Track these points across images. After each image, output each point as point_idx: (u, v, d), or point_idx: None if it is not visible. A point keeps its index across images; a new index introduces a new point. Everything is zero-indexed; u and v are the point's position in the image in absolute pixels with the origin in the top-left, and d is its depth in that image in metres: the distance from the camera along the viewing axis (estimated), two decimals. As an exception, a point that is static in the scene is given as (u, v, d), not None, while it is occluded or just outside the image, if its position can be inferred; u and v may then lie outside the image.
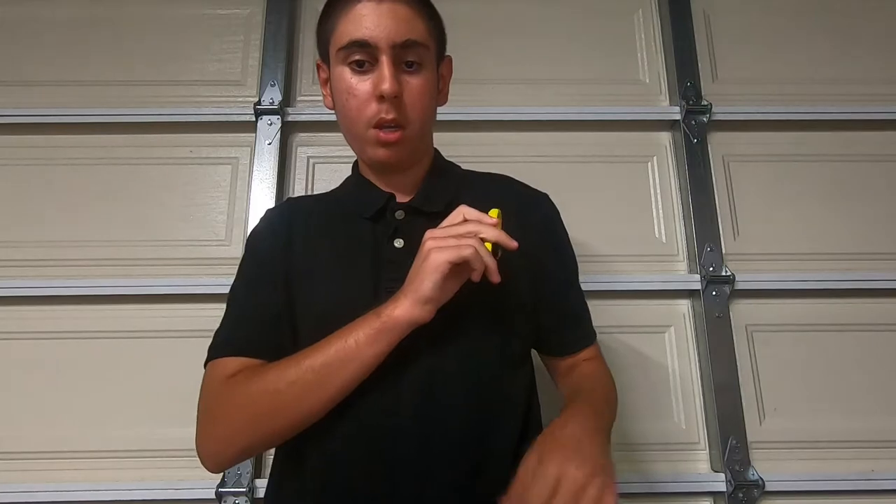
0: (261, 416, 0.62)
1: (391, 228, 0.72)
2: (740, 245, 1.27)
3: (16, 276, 1.22)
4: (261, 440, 0.64)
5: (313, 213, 0.78)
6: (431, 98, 0.73)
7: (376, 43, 0.66)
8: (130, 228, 1.26)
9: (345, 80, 0.69)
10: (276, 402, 0.61)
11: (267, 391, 0.62)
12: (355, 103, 0.69)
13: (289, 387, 0.61)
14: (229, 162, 1.31)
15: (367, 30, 0.66)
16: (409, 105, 0.69)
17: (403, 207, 0.74)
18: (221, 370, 0.67)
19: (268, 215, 0.82)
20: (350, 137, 0.74)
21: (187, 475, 1.12)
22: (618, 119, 1.33)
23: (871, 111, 1.33)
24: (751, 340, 1.23)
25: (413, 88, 0.69)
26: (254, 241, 0.79)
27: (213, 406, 0.66)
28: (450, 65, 0.79)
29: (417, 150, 0.76)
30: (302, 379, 0.61)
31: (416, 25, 0.69)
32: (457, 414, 0.65)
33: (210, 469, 0.67)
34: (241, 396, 0.63)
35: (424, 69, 0.70)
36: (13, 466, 1.14)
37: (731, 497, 1.11)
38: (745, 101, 1.34)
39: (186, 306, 1.21)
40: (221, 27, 1.39)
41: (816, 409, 1.19)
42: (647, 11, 1.42)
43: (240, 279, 0.77)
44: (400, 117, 0.68)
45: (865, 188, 1.31)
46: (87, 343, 1.20)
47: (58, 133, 1.30)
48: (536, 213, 0.79)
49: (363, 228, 0.73)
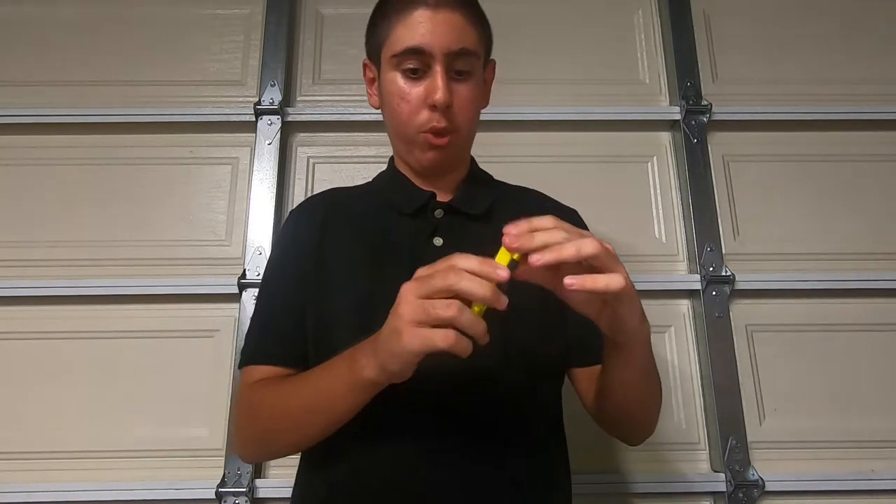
0: (268, 433, 0.67)
1: (431, 226, 0.72)
2: (740, 245, 1.27)
3: (16, 276, 1.22)
4: (275, 450, 0.71)
5: (349, 206, 0.79)
6: (479, 106, 0.75)
7: (431, 51, 0.67)
8: (130, 228, 1.26)
9: (397, 85, 0.70)
10: (276, 426, 0.66)
11: (271, 415, 0.66)
12: (407, 108, 0.70)
13: (282, 416, 0.65)
14: (229, 162, 1.31)
15: (422, 37, 0.67)
16: (458, 112, 0.70)
17: (443, 207, 0.74)
18: (248, 377, 0.71)
19: (297, 211, 0.82)
20: (398, 139, 0.75)
21: (187, 475, 1.12)
22: (618, 119, 1.33)
23: (871, 111, 1.33)
24: (751, 340, 1.22)
25: (462, 96, 0.70)
26: (282, 239, 0.80)
27: (239, 410, 0.71)
28: (493, 69, 0.80)
29: (462, 154, 0.78)
30: (290, 415, 0.64)
31: (469, 34, 0.70)
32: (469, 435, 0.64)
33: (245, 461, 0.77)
34: (253, 411, 0.68)
35: (473, 77, 0.71)
36: (13, 466, 1.13)
37: (731, 497, 1.11)
38: (745, 101, 1.34)
39: (186, 306, 1.21)
40: (221, 27, 1.39)
41: (816, 409, 1.19)
42: (647, 11, 1.42)
43: (269, 280, 0.77)
44: (450, 125, 0.70)
45: (865, 188, 1.31)
46: (87, 343, 1.19)
47: (58, 133, 1.30)
48: None
49: (402, 224, 0.74)
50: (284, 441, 0.67)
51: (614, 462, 1.15)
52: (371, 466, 0.64)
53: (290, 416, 0.64)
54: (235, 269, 1.21)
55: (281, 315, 0.73)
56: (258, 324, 0.74)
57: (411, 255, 0.70)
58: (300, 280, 0.72)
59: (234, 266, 1.23)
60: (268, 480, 1.11)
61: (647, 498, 1.13)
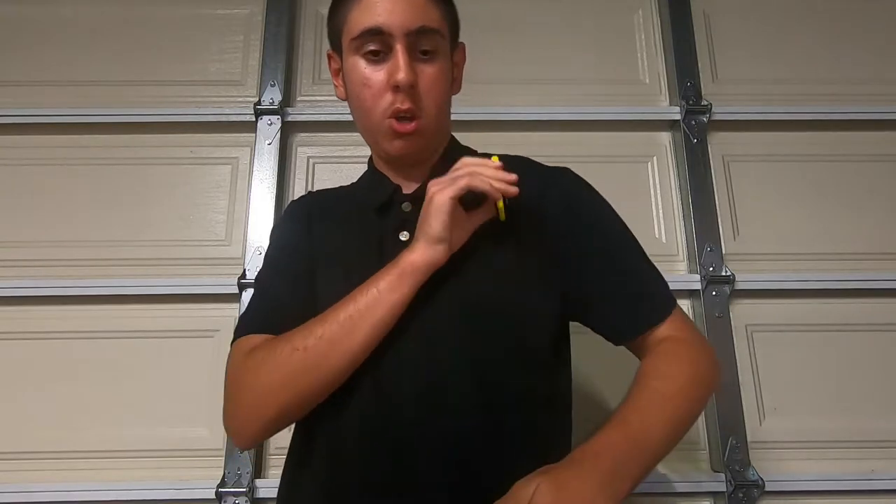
0: (290, 378, 0.61)
1: (398, 221, 0.71)
2: (740, 245, 1.27)
3: (16, 276, 1.22)
4: (290, 405, 0.63)
5: (330, 207, 0.79)
6: (446, 87, 0.72)
7: (390, 30, 0.65)
8: (130, 228, 1.26)
9: (358, 71, 0.68)
10: (303, 361, 0.61)
11: (295, 349, 0.61)
12: (369, 94, 0.68)
13: (316, 342, 0.61)
14: (229, 162, 1.31)
15: (380, 17, 0.65)
16: (424, 94, 0.67)
17: (410, 199, 0.72)
18: (246, 345, 0.67)
19: (289, 208, 0.83)
20: (364, 130, 0.73)
21: (187, 475, 1.12)
22: (618, 119, 1.33)
23: (871, 111, 1.33)
24: (751, 340, 1.22)
25: (428, 77, 0.68)
26: (277, 232, 0.81)
27: (239, 377, 0.65)
28: (463, 52, 0.77)
29: (433, 142, 0.74)
30: (329, 332, 0.61)
31: (430, 11, 0.68)
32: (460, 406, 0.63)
33: (240, 444, 0.68)
34: (268, 362, 0.63)
35: (439, 57, 0.69)
36: (13, 466, 1.13)
37: (731, 497, 1.11)
38: (745, 101, 1.34)
39: (186, 306, 1.21)
40: (221, 27, 1.39)
41: (816, 409, 1.19)
42: (647, 11, 1.42)
43: (266, 266, 0.77)
44: (415, 107, 0.67)
45: (865, 188, 1.31)
46: (87, 343, 1.19)
47: (57, 133, 1.30)
48: (554, 191, 0.74)
49: (371, 222, 0.73)
50: (313, 377, 0.61)
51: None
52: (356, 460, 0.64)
53: (329, 334, 0.60)
54: (235, 269, 1.21)
55: (277, 293, 0.71)
56: (255, 302, 0.73)
57: (379, 253, 0.68)
58: (298, 271, 0.72)
59: (234, 266, 1.23)
60: (268, 480, 1.11)
61: (647, 498, 1.13)
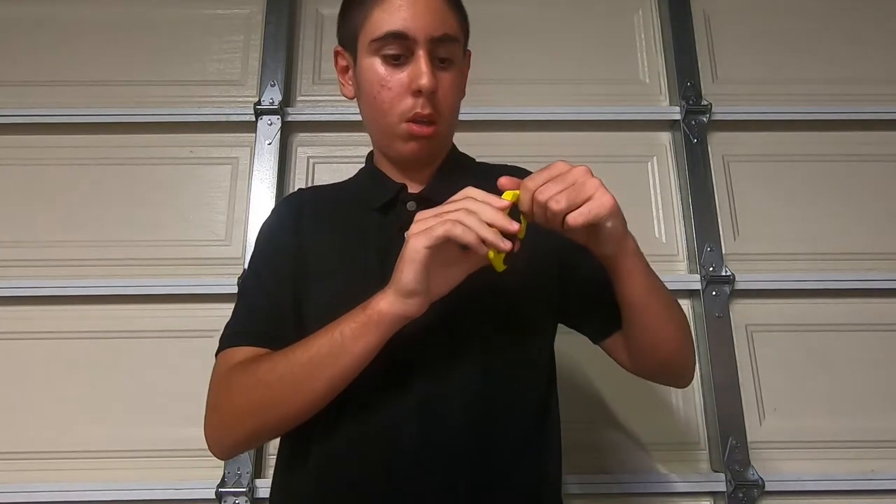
0: (255, 409, 0.62)
1: (402, 220, 0.70)
2: (740, 245, 1.27)
3: (16, 276, 1.22)
4: (258, 431, 0.64)
5: (323, 203, 0.77)
6: (460, 94, 0.73)
7: (414, 35, 0.65)
8: (130, 228, 1.26)
9: (376, 72, 0.68)
10: (268, 397, 0.61)
11: (259, 384, 0.61)
12: (389, 96, 0.67)
13: (279, 381, 0.60)
14: (229, 162, 1.31)
15: (404, 21, 0.65)
16: (442, 100, 0.68)
17: (415, 198, 0.72)
18: (228, 360, 0.67)
19: (278, 206, 0.82)
20: (377, 130, 0.73)
21: (187, 475, 1.12)
22: (618, 119, 1.33)
23: (871, 111, 1.33)
24: (751, 340, 1.23)
25: (445, 84, 0.68)
26: (263, 234, 0.79)
27: (216, 395, 0.66)
28: (469, 59, 0.78)
29: (442, 146, 0.75)
30: (291, 373, 0.60)
31: (450, 20, 0.68)
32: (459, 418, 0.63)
33: (217, 456, 0.68)
34: (238, 388, 0.64)
35: (454, 65, 0.70)
36: (13, 466, 1.13)
37: (731, 497, 1.11)
38: (745, 101, 1.34)
39: (186, 306, 1.21)
40: (221, 27, 1.39)
41: (816, 409, 1.19)
42: (647, 11, 1.42)
43: (250, 271, 0.76)
44: (434, 113, 0.68)
45: (865, 188, 1.31)
46: (87, 343, 1.19)
47: (58, 133, 1.30)
48: None
49: (372, 219, 0.72)
50: (278, 411, 0.61)
51: (614, 462, 1.15)
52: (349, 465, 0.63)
53: (291, 375, 0.60)
54: (235, 269, 1.21)
55: (262, 301, 0.71)
56: (240, 310, 0.72)
57: (383, 251, 0.68)
58: (283, 274, 0.71)
59: (234, 266, 1.23)
60: (268, 480, 1.11)
61: (647, 498, 1.13)
